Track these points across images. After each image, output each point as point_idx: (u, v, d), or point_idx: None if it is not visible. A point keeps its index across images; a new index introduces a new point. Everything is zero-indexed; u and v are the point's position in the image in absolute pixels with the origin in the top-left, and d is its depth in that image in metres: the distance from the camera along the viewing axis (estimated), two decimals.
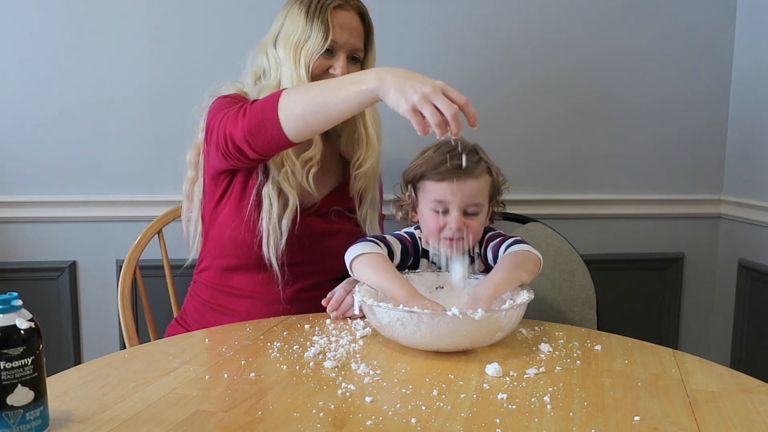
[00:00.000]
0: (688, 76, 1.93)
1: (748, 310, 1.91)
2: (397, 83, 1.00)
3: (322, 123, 1.10)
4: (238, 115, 1.15)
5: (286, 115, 1.09)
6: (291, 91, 1.12)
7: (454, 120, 0.97)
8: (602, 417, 0.80)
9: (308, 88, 1.12)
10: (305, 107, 1.08)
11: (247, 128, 1.12)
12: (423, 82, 0.98)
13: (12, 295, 0.72)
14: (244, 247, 1.27)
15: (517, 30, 1.86)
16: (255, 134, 1.12)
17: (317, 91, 1.09)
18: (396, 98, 1.00)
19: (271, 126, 1.10)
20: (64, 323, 1.84)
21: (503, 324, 1.00)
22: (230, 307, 1.31)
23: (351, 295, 1.16)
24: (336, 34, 1.27)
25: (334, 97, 1.06)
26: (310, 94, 1.09)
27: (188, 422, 0.76)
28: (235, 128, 1.14)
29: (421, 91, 0.97)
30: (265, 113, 1.11)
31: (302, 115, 1.09)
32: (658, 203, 1.97)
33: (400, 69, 1.03)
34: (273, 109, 1.10)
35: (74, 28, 1.74)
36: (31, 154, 1.77)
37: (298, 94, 1.10)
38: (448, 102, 0.97)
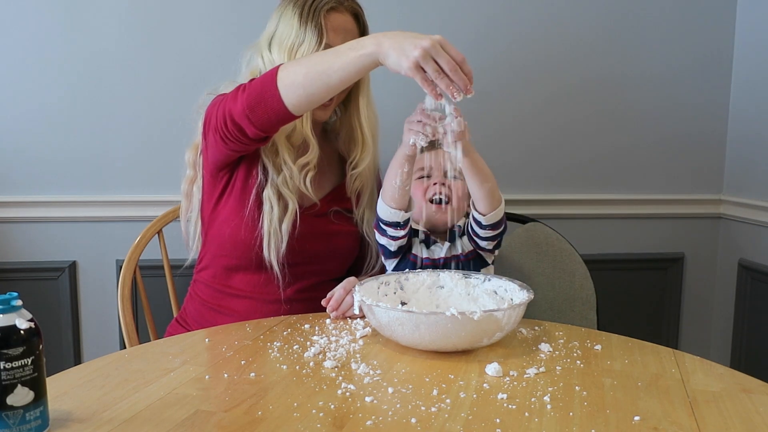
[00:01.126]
0: (689, 77, 1.93)
1: (748, 310, 1.91)
2: (396, 43, 1.00)
3: (322, 91, 1.10)
4: (238, 92, 1.15)
5: (285, 85, 1.09)
6: (289, 63, 1.12)
7: (455, 73, 0.98)
8: (602, 417, 0.80)
9: (307, 59, 1.12)
10: (305, 75, 1.08)
11: (246, 102, 1.12)
12: (421, 37, 0.99)
13: (12, 295, 0.72)
14: (244, 247, 1.27)
15: (518, 33, 1.86)
16: (255, 108, 1.12)
17: (316, 59, 1.09)
18: (396, 58, 1.00)
19: (271, 98, 1.09)
20: (64, 323, 1.84)
21: (502, 324, 1.00)
22: (230, 307, 1.31)
23: (351, 295, 1.16)
24: (330, 38, 1.26)
25: (333, 64, 1.06)
26: (309, 63, 1.09)
27: (188, 422, 0.76)
28: (234, 105, 1.14)
29: (420, 46, 0.97)
30: (265, 86, 1.11)
31: (302, 84, 1.08)
32: (658, 203, 1.97)
33: (396, 31, 1.03)
34: (272, 81, 1.10)
35: (74, 28, 1.74)
36: (31, 154, 1.77)
37: (297, 65, 1.11)
38: (447, 57, 0.98)
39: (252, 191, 1.27)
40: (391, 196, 1.20)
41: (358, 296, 1.06)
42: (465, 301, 1.17)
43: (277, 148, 1.28)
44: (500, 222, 1.23)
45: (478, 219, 1.21)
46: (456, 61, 0.99)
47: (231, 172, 1.29)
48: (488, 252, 1.29)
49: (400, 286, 1.20)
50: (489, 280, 1.19)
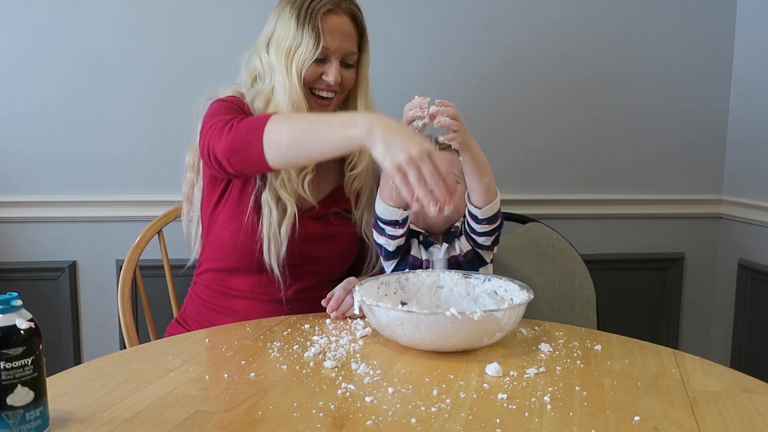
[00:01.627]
0: (689, 77, 1.93)
1: (748, 310, 1.91)
2: (386, 137, 0.99)
3: (302, 159, 1.11)
4: (224, 129, 1.14)
5: (269, 142, 1.08)
6: (280, 119, 1.11)
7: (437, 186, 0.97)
8: (602, 417, 0.80)
9: (297, 120, 1.11)
10: (290, 139, 1.08)
11: (229, 145, 1.12)
12: (411, 142, 0.97)
13: (12, 295, 0.72)
14: (243, 251, 1.27)
15: (518, 33, 1.86)
16: (236, 152, 1.12)
17: (305, 125, 1.08)
18: (382, 152, 0.99)
19: (254, 149, 1.09)
20: (64, 323, 1.84)
21: (502, 324, 1.00)
22: (230, 308, 1.31)
23: (351, 295, 1.16)
24: (327, 41, 1.25)
25: (320, 136, 1.06)
26: (298, 127, 1.08)
27: (188, 422, 0.76)
28: (218, 142, 1.14)
29: (408, 152, 0.97)
30: (250, 135, 1.10)
31: (286, 147, 1.08)
32: (658, 203, 1.97)
33: (390, 121, 1.02)
34: (259, 132, 1.09)
35: (74, 28, 1.74)
36: (31, 154, 1.77)
37: (286, 124, 1.10)
38: (431, 170, 0.97)
39: (250, 196, 1.27)
40: (389, 195, 1.20)
41: (358, 296, 1.06)
42: (465, 301, 1.17)
43: None
44: (496, 216, 1.23)
45: (474, 213, 1.21)
46: (439, 174, 0.98)
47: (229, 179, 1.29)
48: (486, 250, 1.29)
49: (400, 286, 1.20)
50: (489, 280, 1.19)
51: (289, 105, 1.26)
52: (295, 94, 1.26)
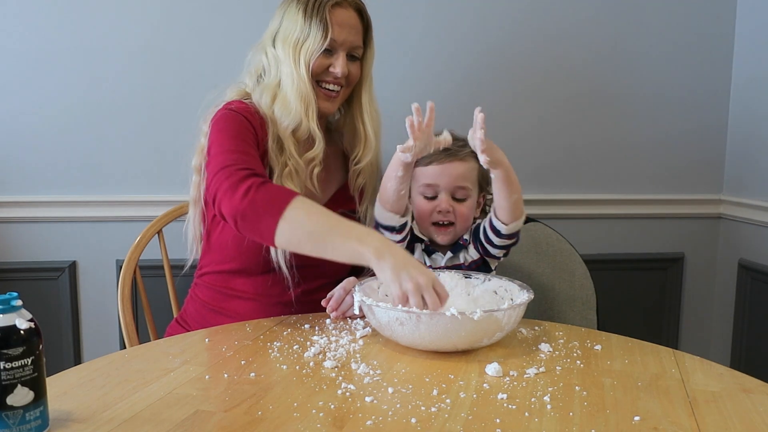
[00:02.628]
0: (688, 76, 1.93)
1: (748, 310, 1.91)
2: (396, 267, 1.01)
3: (307, 253, 1.11)
4: (239, 191, 1.10)
5: (285, 229, 1.07)
6: (302, 209, 1.09)
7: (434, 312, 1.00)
8: (602, 417, 0.80)
9: (317, 218, 1.09)
10: (306, 235, 1.08)
11: (242, 212, 1.10)
12: (419, 272, 1.01)
13: (12, 295, 0.72)
14: (248, 252, 1.27)
15: (516, 29, 1.86)
16: (246, 221, 1.10)
17: (324, 227, 1.08)
18: (390, 279, 1.01)
19: (267, 228, 1.08)
20: (64, 323, 1.84)
21: (502, 324, 1.00)
22: (232, 309, 1.30)
23: (350, 295, 1.16)
24: (335, 33, 1.27)
25: (334, 243, 1.07)
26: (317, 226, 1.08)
27: (188, 422, 0.76)
28: (230, 203, 1.11)
29: (415, 281, 0.99)
30: (267, 214, 1.08)
31: (298, 240, 1.09)
32: (658, 203, 1.97)
33: (400, 251, 1.06)
34: (277, 215, 1.07)
35: (74, 28, 1.74)
36: (31, 154, 1.77)
37: (307, 217, 1.09)
38: (434, 300, 0.99)
39: None
40: (387, 199, 1.20)
41: (358, 296, 1.06)
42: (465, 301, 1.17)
43: (283, 145, 1.28)
44: (517, 232, 1.23)
45: (498, 228, 1.21)
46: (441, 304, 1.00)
47: None
48: (495, 259, 1.29)
49: None
50: (489, 280, 1.19)
51: (296, 97, 1.26)
52: (303, 86, 1.26)
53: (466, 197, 1.26)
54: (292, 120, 1.27)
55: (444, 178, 1.24)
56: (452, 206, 1.25)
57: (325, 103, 1.32)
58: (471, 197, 1.27)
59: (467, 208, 1.26)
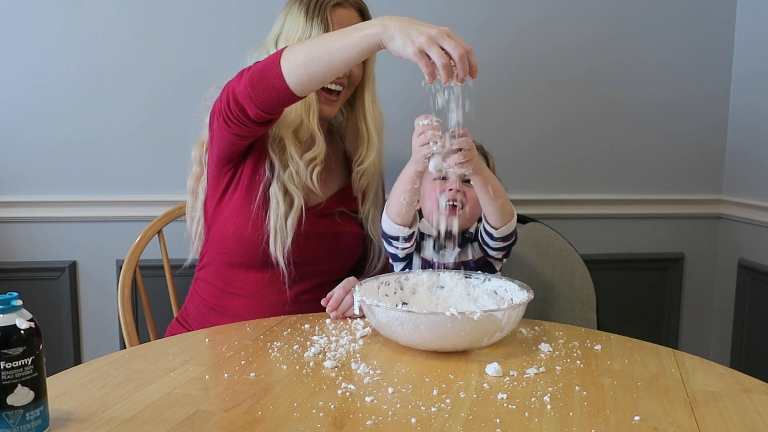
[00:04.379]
0: (688, 76, 1.93)
1: (748, 310, 1.91)
2: (402, 27, 1.00)
3: (324, 70, 1.09)
4: (242, 72, 1.16)
5: (288, 64, 1.09)
6: (293, 45, 1.13)
7: (461, 61, 0.98)
8: (602, 417, 0.80)
9: (311, 39, 1.12)
10: (307, 54, 1.08)
11: (249, 81, 1.12)
12: (429, 26, 0.99)
13: (12, 295, 0.72)
14: (248, 245, 1.27)
15: (517, 31, 1.86)
16: (257, 86, 1.12)
17: (320, 40, 1.10)
18: (402, 42, 0.99)
19: (273, 76, 1.10)
20: (64, 323, 1.84)
21: (502, 324, 1.00)
22: (231, 308, 1.30)
23: (350, 295, 1.16)
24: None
25: (336, 43, 1.06)
26: (313, 43, 1.10)
27: (188, 422, 0.76)
28: (237, 84, 1.15)
29: (427, 33, 0.97)
30: (268, 65, 1.11)
31: (304, 63, 1.08)
32: (658, 203, 1.97)
33: (403, 17, 1.04)
34: (275, 60, 1.11)
35: (74, 27, 1.74)
36: (31, 154, 1.77)
37: (300, 45, 1.11)
38: (455, 43, 0.97)
39: (259, 188, 1.27)
40: (397, 212, 1.19)
41: (358, 296, 1.06)
42: (465, 301, 1.17)
43: (284, 144, 1.28)
44: (511, 234, 1.23)
45: (490, 231, 1.21)
46: (462, 46, 0.98)
47: (236, 168, 1.28)
48: (497, 260, 1.29)
49: (400, 286, 1.20)
50: (489, 280, 1.19)
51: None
52: None
53: None
54: (292, 120, 1.27)
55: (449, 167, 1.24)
56: (462, 188, 1.24)
57: (325, 107, 1.32)
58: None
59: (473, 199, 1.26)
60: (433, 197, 1.26)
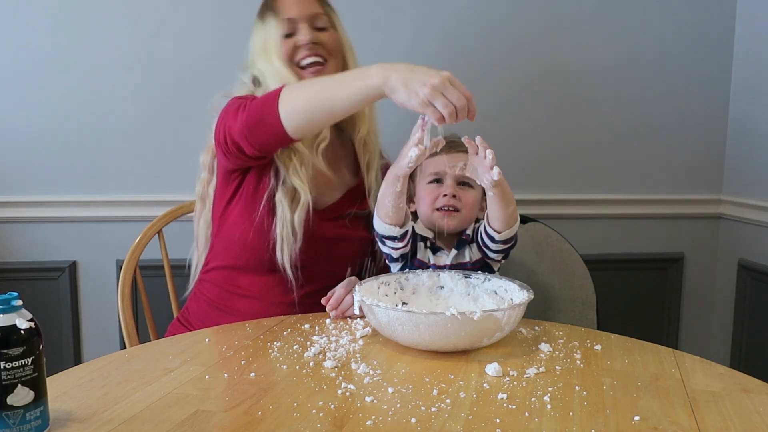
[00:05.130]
0: (688, 76, 1.93)
1: (748, 310, 1.91)
2: (404, 79, 0.99)
3: (324, 118, 1.10)
4: (238, 111, 1.14)
5: (287, 110, 1.08)
6: (292, 87, 1.11)
7: (463, 110, 0.99)
8: (602, 417, 0.80)
9: (310, 84, 1.11)
10: (307, 101, 1.07)
11: (245, 123, 1.11)
12: (430, 75, 0.98)
13: (12, 295, 0.72)
14: (254, 251, 1.27)
15: (516, 29, 1.86)
16: (253, 129, 1.11)
17: (319, 87, 1.08)
18: (406, 95, 0.99)
19: (271, 121, 1.09)
20: (64, 323, 1.84)
21: (502, 324, 1.00)
22: (236, 308, 1.30)
23: (351, 295, 1.16)
24: (286, 12, 1.27)
25: (338, 92, 1.05)
26: (313, 89, 1.08)
27: (188, 422, 0.76)
28: (234, 124, 1.14)
29: (430, 84, 0.97)
30: (266, 108, 1.10)
31: (304, 110, 1.08)
32: (658, 203, 1.97)
33: (402, 64, 1.02)
34: (273, 104, 1.09)
35: (75, 28, 1.74)
36: (31, 154, 1.77)
37: (299, 90, 1.10)
38: (458, 93, 0.98)
39: (263, 196, 1.26)
40: (386, 213, 1.19)
41: (358, 296, 1.06)
42: (465, 301, 1.17)
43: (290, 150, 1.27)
44: (513, 237, 1.23)
45: (492, 235, 1.21)
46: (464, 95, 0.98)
47: (243, 175, 1.29)
48: (495, 262, 1.29)
49: (400, 286, 1.20)
50: (489, 280, 1.19)
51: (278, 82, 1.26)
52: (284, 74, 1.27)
53: (472, 185, 1.26)
54: None
55: (450, 167, 1.24)
56: (457, 192, 1.24)
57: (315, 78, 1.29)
58: (476, 187, 1.26)
59: (472, 197, 1.26)
60: (427, 201, 1.26)
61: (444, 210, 1.24)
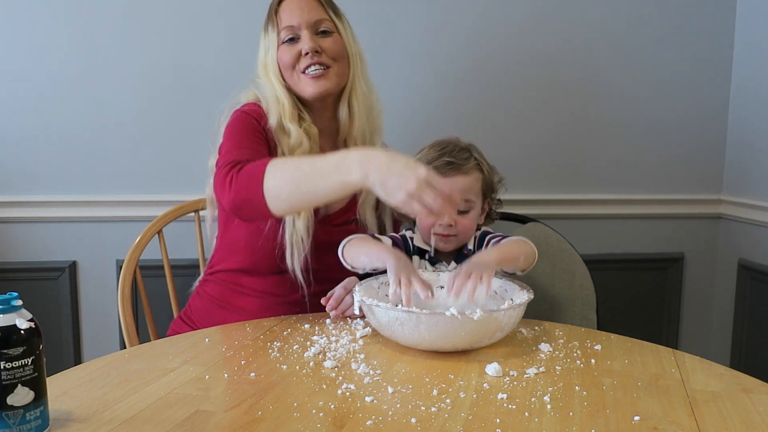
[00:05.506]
0: (689, 77, 1.93)
1: (748, 310, 1.91)
2: (381, 181, 0.98)
3: (307, 205, 1.15)
4: (225, 182, 1.13)
5: (270, 196, 1.07)
6: (275, 171, 1.08)
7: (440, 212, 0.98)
8: (602, 417, 0.80)
9: (292, 171, 1.08)
10: (290, 192, 1.07)
11: (234, 202, 1.11)
12: (406, 178, 0.96)
13: (12, 295, 0.72)
14: (261, 252, 1.27)
15: (519, 32, 1.86)
16: (242, 209, 1.12)
17: (301, 176, 1.06)
18: (384, 194, 0.99)
19: (257, 203, 1.09)
20: (64, 323, 1.84)
21: (502, 324, 1.00)
22: (240, 306, 1.30)
23: (350, 295, 1.16)
24: (287, 20, 1.27)
25: (319, 184, 1.05)
26: (294, 179, 1.07)
27: (188, 422, 0.76)
28: (223, 196, 1.14)
29: (405, 189, 0.96)
30: (250, 192, 1.09)
31: (287, 198, 1.08)
32: (658, 203, 1.97)
33: (382, 158, 0.99)
34: (258, 188, 1.08)
35: (75, 28, 1.74)
36: (31, 154, 1.77)
37: (282, 178, 1.08)
38: (434, 196, 0.96)
39: None
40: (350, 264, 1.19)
41: (358, 296, 1.06)
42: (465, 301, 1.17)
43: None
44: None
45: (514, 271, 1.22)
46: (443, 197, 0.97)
47: None
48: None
49: None
50: None
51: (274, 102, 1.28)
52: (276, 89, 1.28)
53: (470, 209, 1.24)
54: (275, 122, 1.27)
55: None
56: (455, 220, 1.23)
57: (316, 84, 1.27)
58: (474, 208, 1.26)
59: (470, 220, 1.25)
60: (425, 223, 1.25)
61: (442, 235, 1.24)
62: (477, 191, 1.26)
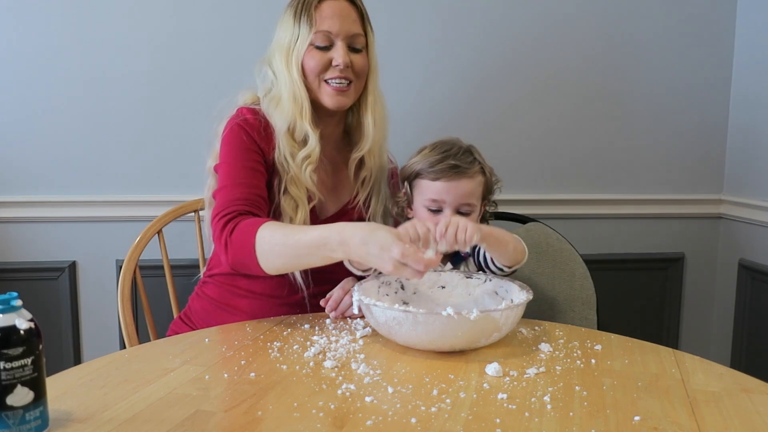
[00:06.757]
0: (688, 76, 1.93)
1: (748, 310, 1.91)
2: (362, 258, 1.04)
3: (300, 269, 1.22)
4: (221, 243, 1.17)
5: (265, 263, 1.13)
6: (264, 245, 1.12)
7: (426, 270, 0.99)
8: (602, 417, 0.79)
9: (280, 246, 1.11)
10: (282, 264, 1.14)
11: (232, 264, 1.17)
12: (384, 261, 1.00)
13: (12, 295, 0.72)
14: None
15: (516, 31, 1.86)
16: (240, 269, 1.18)
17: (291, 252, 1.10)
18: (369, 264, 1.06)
19: (254, 268, 1.14)
20: (64, 323, 1.84)
21: (500, 324, 1.00)
22: (240, 308, 1.30)
23: (349, 295, 1.16)
24: (325, 25, 1.25)
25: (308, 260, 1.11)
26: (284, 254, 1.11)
27: (188, 422, 0.76)
28: (221, 255, 1.18)
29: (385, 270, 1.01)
30: (245, 257, 1.14)
31: (281, 268, 1.15)
32: (658, 203, 1.97)
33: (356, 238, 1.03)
34: (252, 256, 1.12)
35: (75, 27, 1.74)
36: (31, 154, 1.77)
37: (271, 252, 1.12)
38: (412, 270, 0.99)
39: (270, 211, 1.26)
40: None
41: (357, 296, 1.06)
42: (465, 301, 1.17)
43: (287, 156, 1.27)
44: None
45: (501, 268, 1.22)
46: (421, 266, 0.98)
47: None
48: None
49: (401, 285, 1.20)
50: (489, 281, 1.19)
51: (290, 97, 1.25)
52: (295, 86, 1.25)
53: (471, 212, 1.24)
54: (284, 120, 1.25)
55: (451, 195, 1.22)
56: None
57: (336, 98, 1.27)
58: (475, 211, 1.26)
59: (472, 218, 1.25)
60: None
61: None
62: (479, 195, 1.26)
